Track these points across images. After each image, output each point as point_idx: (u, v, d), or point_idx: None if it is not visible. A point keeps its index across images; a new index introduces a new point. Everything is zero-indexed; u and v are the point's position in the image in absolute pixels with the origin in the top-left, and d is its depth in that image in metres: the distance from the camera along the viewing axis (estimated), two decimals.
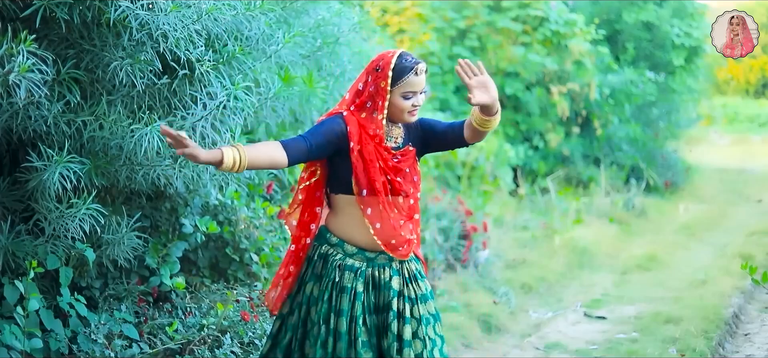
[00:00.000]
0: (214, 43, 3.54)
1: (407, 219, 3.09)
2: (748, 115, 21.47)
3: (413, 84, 2.99)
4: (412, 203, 3.10)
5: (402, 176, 3.06)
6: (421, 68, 3.00)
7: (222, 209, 4.65)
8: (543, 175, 10.58)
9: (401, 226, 3.06)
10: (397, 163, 3.06)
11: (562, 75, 10.56)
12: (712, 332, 5.20)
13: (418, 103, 3.02)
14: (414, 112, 3.04)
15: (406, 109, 3.01)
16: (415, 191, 3.09)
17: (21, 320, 3.47)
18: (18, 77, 2.76)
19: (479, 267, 6.62)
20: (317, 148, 2.98)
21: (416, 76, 2.99)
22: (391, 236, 3.05)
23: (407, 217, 3.09)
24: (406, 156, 3.08)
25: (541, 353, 5.13)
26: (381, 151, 3.03)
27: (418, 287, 3.12)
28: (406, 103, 3.00)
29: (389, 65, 2.98)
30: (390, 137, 3.08)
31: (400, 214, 3.06)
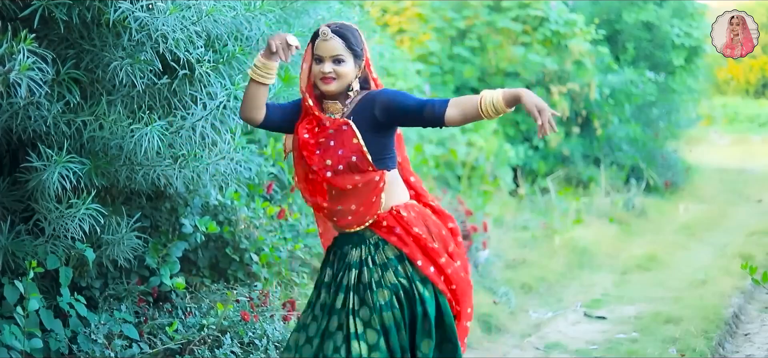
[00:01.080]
0: (214, 43, 3.54)
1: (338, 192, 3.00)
2: (748, 115, 21.47)
3: (319, 48, 3.00)
4: (329, 176, 2.99)
5: (322, 148, 3.00)
6: (326, 32, 2.98)
7: (222, 209, 4.65)
8: (543, 176, 10.58)
9: (332, 195, 3.02)
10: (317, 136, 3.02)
11: (562, 75, 10.56)
12: (712, 332, 5.20)
13: (325, 70, 2.98)
14: (326, 79, 2.99)
15: (317, 76, 3.02)
16: (335, 164, 2.99)
17: (21, 320, 3.47)
18: (18, 76, 2.76)
19: (479, 267, 6.62)
20: (286, 113, 3.12)
21: (323, 41, 2.99)
22: (320, 207, 3.07)
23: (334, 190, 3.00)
24: (334, 129, 3.01)
25: (541, 353, 5.13)
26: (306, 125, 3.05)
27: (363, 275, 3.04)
28: (316, 68, 3.01)
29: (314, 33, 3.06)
30: (329, 113, 3.06)
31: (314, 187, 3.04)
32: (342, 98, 3.06)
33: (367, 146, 2.99)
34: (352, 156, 2.99)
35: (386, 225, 3.05)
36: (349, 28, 3.05)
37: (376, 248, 3.06)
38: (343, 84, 3.03)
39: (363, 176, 3.01)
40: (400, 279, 3.02)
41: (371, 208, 3.04)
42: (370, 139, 3.00)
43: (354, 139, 3.00)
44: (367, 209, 3.03)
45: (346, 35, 3.01)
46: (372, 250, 3.06)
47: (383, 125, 3.02)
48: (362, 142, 2.99)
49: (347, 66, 3.01)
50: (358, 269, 3.05)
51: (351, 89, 3.05)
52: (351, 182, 3.00)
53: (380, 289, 3.01)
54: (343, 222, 3.07)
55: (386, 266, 3.04)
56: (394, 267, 3.03)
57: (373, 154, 3.01)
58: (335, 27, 3.02)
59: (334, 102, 3.06)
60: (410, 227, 3.05)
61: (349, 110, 3.05)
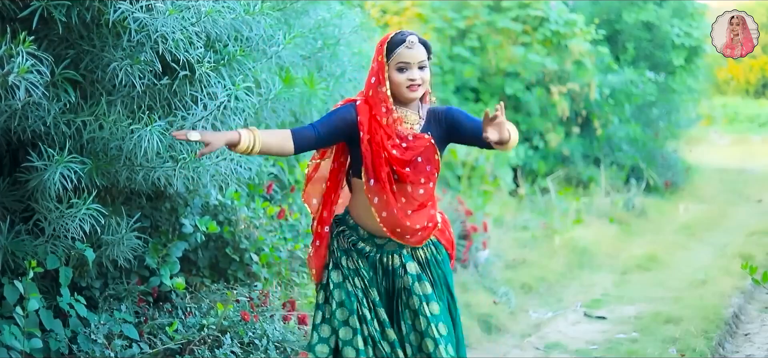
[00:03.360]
0: (214, 44, 3.54)
1: (418, 208, 3.09)
2: (748, 115, 21.47)
3: (404, 55, 3.03)
4: (421, 192, 3.08)
5: (411, 166, 3.06)
6: (412, 40, 3.04)
7: (222, 209, 4.65)
8: (543, 176, 10.58)
9: (409, 215, 3.07)
10: (405, 151, 3.05)
11: (562, 75, 10.56)
12: (712, 332, 5.20)
13: (413, 77, 3.04)
14: (413, 87, 3.05)
15: (403, 84, 3.05)
16: (426, 181, 3.09)
17: (21, 320, 3.47)
18: (17, 78, 2.76)
19: (479, 267, 6.62)
20: (326, 136, 3.07)
21: (408, 48, 3.03)
22: (396, 225, 3.07)
23: (418, 206, 3.09)
24: (418, 143, 3.07)
25: (541, 353, 5.13)
26: (387, 139, 3.05)
27: (431, 273, 3.18)
28: (401, 76, 3.04)
29: (385, 41, 3.09)
30: (406, 123, 3.10)
31: (408, 203, 3.07)
32: (413, 106, 3.12)
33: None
34: (435, 171, 3.13)
35: (440, 228, 3.23)
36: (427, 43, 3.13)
37: (436, 248, 3.21)
38: (425, 88, 3.12)
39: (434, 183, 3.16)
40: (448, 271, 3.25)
41: (433, 219, 3.19)
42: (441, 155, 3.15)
43: (436, 155, 3.10)
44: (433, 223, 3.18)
45: (427, 43, 3.10)
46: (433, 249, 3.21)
47: (445, 142, 3.15)
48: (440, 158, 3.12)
49: (428, 71, 3.09)
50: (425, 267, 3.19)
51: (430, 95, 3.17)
52: (432, 198, 3.16)
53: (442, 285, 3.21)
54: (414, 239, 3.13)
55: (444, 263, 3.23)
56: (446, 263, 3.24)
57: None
58: (415, 34, 3.08)
59: (412, 111, 3.12)
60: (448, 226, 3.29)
61: (423, 123, 3.13)
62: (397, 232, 3.08)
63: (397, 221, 3.06)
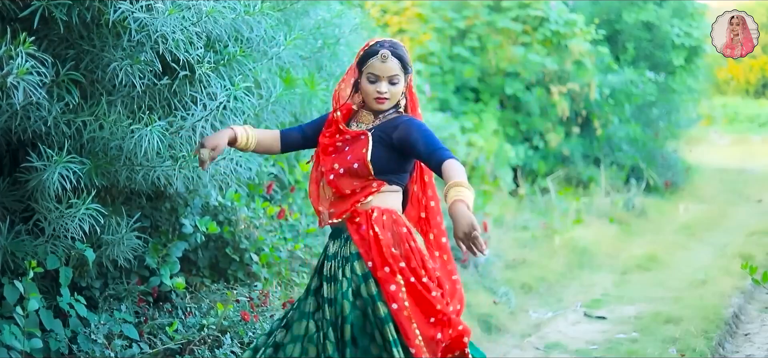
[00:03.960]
0: (214, 44, 3.54)
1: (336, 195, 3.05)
2: (748, 115, 21.47)
3: (375, 68, 3.03)
4: (331, 178, 3.04)
5: (336, 153, 3.07)
6: (385, 54, 3.02)
7: (222, 209, 4.65)
8: (543, 176, 10.58)
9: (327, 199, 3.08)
10: (334, 141, 3.09)
11: (562, 75, 10.56)
12: (712, 332, 5.20)
13: (381, 90, 3.03)
14: (381, 99, 3.04)
15: (371, 94, 3.05)
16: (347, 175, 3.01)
17: (21, 320, 3.47)
18: (16, 79, 2.76)
19: (479, 267, 6.62)
20: (312, 136, 3.24)
21: (380, 61, 3.02)
22: (316, 207, 3.15)
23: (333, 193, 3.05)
24: (352, 137, 3.06)
25: (541, 353, 5.13)
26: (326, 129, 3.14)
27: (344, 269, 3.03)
28: (370, 87, 3.05)
29: (364, 48, 3.10)
30: (359, 123, 3.12)
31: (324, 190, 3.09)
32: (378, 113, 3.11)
33: (373, 159, 3.01)
34: (355, 163, 3.03)
35: (357, 222, 3.05)
36: (402, 47, 3.09)
37: (345, 241, 3.07)
38: (393, 102, 3.09)
39: (361, 182, 3.04)
40: (354, 275, 3.00)
41: (353, 204, 3.04)
42: (380, 154, 3.02)
43: (363, 148, 3.03)
44: (350, 205, 3.05)
45: (402, 56, 3.06)
46: (342, 243, 3.08)
47: (396, 149, 3.04)
48: (369, 153, 3.01)
49: (400, 86, 3.07)
50: (330, 261, 3.09)
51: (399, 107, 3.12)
52: (349, 186, 3.04)
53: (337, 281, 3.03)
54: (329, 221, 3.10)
55: (347, 259, 3.04)
56: (351, 263, 3.02)
57: (376, 166, 3.02)
58: (390, 46, 3.05)
59: (370, 113, 3.12)
60: (373, 225, 3.00)
61: (377, 124, 3.09)
62: (319, 210, 3.13)
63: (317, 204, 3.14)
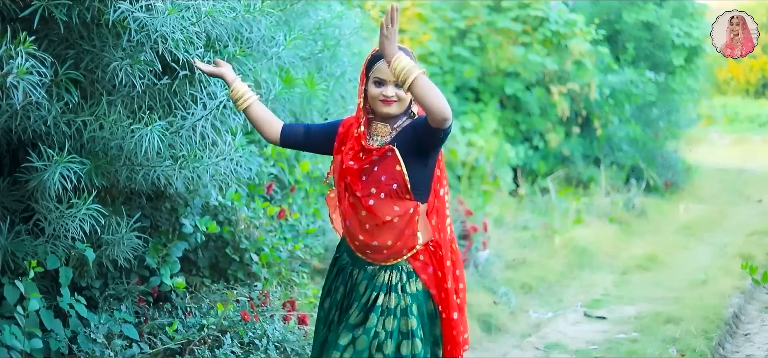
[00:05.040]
0: (214, 44, 3.54)
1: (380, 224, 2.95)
2: (748, 115, 21.49)
3: (382, 71, 2.97)
4: (372, 203, 2.95)
5: (366, 175, 2.97)
6: None
7: (222, 209, 4.65)
8: (543, 176, 10.58)
9: (366, 230, 2.97)
10: (361, 161, 2.99)
11: (562, 75, 10.56)
12: (712, 332, 5.20)
13: (387, 93, 2.96)
14: (386, 102, 2.98)
15: (377, 98, 2.99)
16: (382, 193, 2.95)
17: (21, 320, 3.47)
18: (16, 79, 2.76)
19: (479, 267, 6.62)
20: (314, 137, 3.15)
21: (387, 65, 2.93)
22: (354, 238, 3.01)
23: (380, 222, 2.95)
24: (379, 155, 2.97)
25: (541, 353, 5.13)
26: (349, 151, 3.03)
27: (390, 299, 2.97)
28: (377, 90, 2.99)
29: (372, 52, 3.04)
30: (375, 136, 3.03)
31: (366, 217, 2.96)
32: (391, 121, 3.03)
33: (408, 174, 2.95)
34: (393, 183, 2.95)
35: (422, 260, 3.00)
36: (407, 50, 3.00)
37: (408, 277, 3.00)
38: (403, 106, 3.01)
39: (401, 206, 2.96)
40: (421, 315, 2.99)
41: (408, 242, 2.99)
42: (413, 168, 2.96)
43: (397, 166, 2.95)
44: (404, 244, 2.98)
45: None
46: (404, 278, 2.99)
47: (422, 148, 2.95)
48: (405, 169, 2.95)
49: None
50: (386, 293, 2.98)
51: (409, 113, 3.04)
52: (390, 212, 2.95)
53: (405, 317, 2.97)
54: (377, 257, 3.00)
55: (415, 297, 2.99)
56: (420, 303, 2.99)
57: (412, 182, 2.96)
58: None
59: (384, 124, 3.03)
60: (443, 262, 3.00)
61: (394, 135, 3.01)
62: (356, 245, 3.02)
63: (354, 234, 3.01)
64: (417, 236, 2.99)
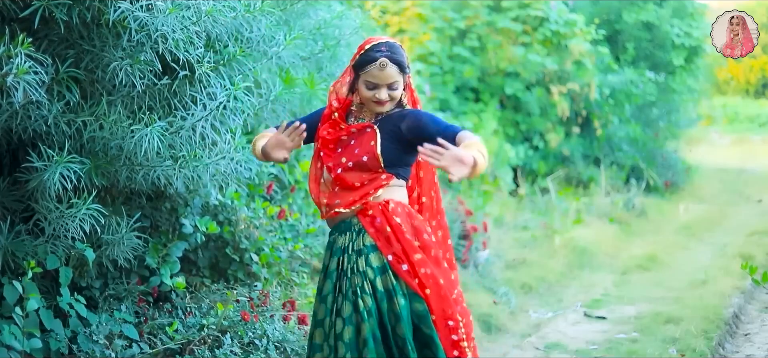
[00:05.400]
0: (214, 44, 3.54)
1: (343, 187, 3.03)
2: (748, 115, 21.49)
3: (374, 76, 3.00)
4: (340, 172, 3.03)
5: (342, 147, 3.05)
6: (384, 63, 2.97)
7: (222, 209, 4.65)
8: (543, 176, 10.58)
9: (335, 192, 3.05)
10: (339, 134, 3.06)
11: (562, 75, 10.56)
12: (712, 332, 5.20)
13: (380, 97, 3.00)
14: (381, 103, 3.03)
15: (370, 99, 3.04)
16: (348, 161, 3.03)
17: (20, 320, 3.47)
18: (15, 80, 2.76)
19: (479, 267, 6.62)
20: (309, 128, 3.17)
21: (379, 70, 2.98)
22: (321, 203, 3.12)
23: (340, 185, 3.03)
24: (357, 130, 3.05)
25: (541, 353, 5.13)
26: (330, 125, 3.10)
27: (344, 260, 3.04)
28: (368, 93, 3.03)
29: (362, 49, 3.05)
30: (361, 119, 3.11)
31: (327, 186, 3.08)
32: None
33: (382, 151, 3.00)
34: (364, 156, 3.01)
35: (371, 214, 3.03)
36: (399, 50, 3.03)
37: (358, 234, 3.05)
38: (395, 103, 3.08)
39: (370, 175, 3.02)
40: (368, 268, 3.00)
41: (364, 196, 3.03)
42: (388, 147, 3.01)
43: (372, 141, 3.02)
44: (360, 198, 3.03)
45: (400, 61, 3.02)
46: (354, 236, 3.05)
47: (406, 141, 3.01)
48: (379, 145, 3.00)
49: (399, 88, 3.05)
50: (340, 255, 3.06)
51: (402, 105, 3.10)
52: (358, 179, 3.02)
53: (353, 275, 3.01)
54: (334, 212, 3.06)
55: (360, 252, 3.02)
56: (366, 255, 3.01)
57: (386, 159, 3.01)
58: (388, 52, 3.00)
59: (369, 111, 3.11)
60: (392, 217, 3.01)
61: (380, 118, 3.08)
62: (324, 210, 3.10)
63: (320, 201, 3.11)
64: (375, 193, 3.02)
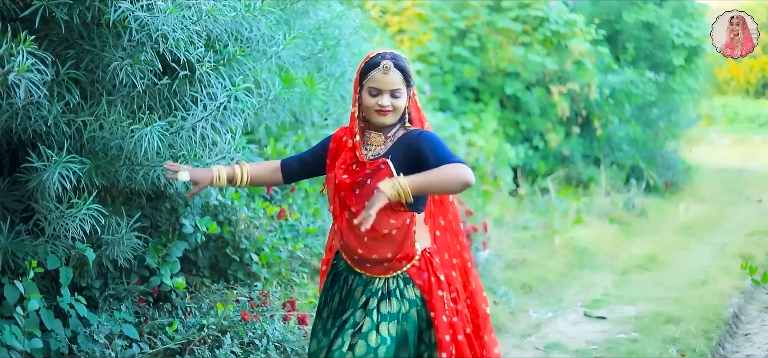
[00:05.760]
0: (214, 44, 3.54)
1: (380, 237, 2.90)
2: (748, 115, 21.50)
3: (377, 80, 2.90)
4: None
5: (360, 188, 2.91)
6: (387, 65, 2.90)
7: (222, 209, 4.65)
8: (543, 176, 10.58)
9: (365, 243, 2.93)
10: (354, 174, 2.93)
11: (562, 75, 10.56)
12: (712, 332, 5.20)
13: (383, 103, 2.90)
14: (382, 112, 2.92)
15: (372, 108, 2.93)
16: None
17: (21, 320, 3.47)
18: (17, 77, 2.76)
19: (479, 267, 6.62)
20: (312, 164, 3.16)
21: (382, 74, 2.90)
22: (353, 253, 2.98)
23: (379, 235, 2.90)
24: (372, 169, 2.91)
25: (541, 353, 5.13)
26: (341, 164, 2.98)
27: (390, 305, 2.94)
28: (371, 100, 2.92)
29: (365, 60, 2.99)
30: (369, 146, 2.98)
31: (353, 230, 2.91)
32: (386, 130, 2.98)
33: None
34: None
35: (417, 265, 2.96)
36: (404, 59, 2.97)
37: (405, 282, 2.96)
38: (398, 115, 2.96)
39: (397, 218, 2.91)
40: (421, 322, 2.96)
41: (407, 253, 2.95)
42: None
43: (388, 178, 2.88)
44: (404, 255, 2.94)
45: (405, 68, 2.94)
46: (401, 283, 2.96)
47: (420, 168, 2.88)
48: None
49: (403, 99, 2.94)
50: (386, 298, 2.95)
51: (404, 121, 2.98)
52: (387, 225, 2.89)
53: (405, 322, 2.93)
54: (377, 270, 2.97)
55: (413, 303, 2.95)
56: (418, 308, 2.96)
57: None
58: (392, 58, 2.93)
59: (378, 134, 2.98)
60: (436, 272, 2.97)
61: (389, 145, 2.96)
62: (355, 259, 2.98)
63: (352, 249, 2.97)
64: (415, 246, 2.96)
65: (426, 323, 2.98)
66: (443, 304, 2.97)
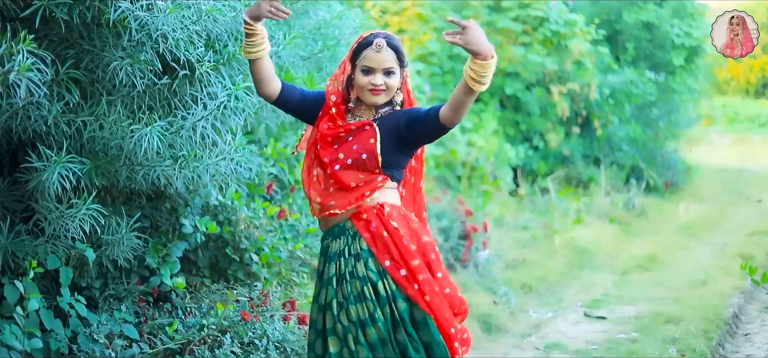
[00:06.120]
0: (214, 43, 3.54)
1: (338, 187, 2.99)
2: (748, 115, 21.49)
3: (370, 59, 2.96)
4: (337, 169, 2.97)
5: (339, 143, 3.00)
6: (380, 44, 2.95)
7: (222, 209, 4.65)
8: (543, 176, 10.58)
9: (330, 193, 3.00)
10: (337, 130, 3.01)
11: (562, 75, 10.56)
12: (712, 332, 5.20)
13: (376, 82, 2.96)
14: (375, 91, 2.98)
15: (365, 87, 2.98)
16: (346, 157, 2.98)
17: (21, 320, 3.47)
18: (18, 77, 2.76)
19: (479, 267, 6.62)
20: (308, 102, 3.12)
21: (375, 52, 2.95)
22: (314, 200, 3.05)
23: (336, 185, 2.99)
24: (357, 127, 3.00)
25: (541, 353, 5.13)
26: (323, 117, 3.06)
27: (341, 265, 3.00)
28: (364, 79, 2.98)
29: (357, 40, 3.04)
30: (356, 116, 3.05)
31: (327, 180, 3.00)
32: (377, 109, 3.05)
33: (382, 151, 2.97)
34: (363, 154, 2.98)
35: (365, 218, 3.00)
36: (396, 38, 3.02)
37: (353, 238, 3.01)
38: (390, 95, 3.02)
39: (366, 175, 2.99)
40: (369, 272, 2.97)
41: (359, 199, 2.99)
42: (388, 148, 2.98)
43: (371, 139, 2.98)
44: (356, 199, 3.00)
45: (398, 47, 3.00)
46: (350, 240, 3.01)
47: (405, 140, 2.99)
48: (379, 144, 2.97)
49: (396, 78, 3.00)
50: (337, 260, 3.02)
51: (394, 103, 3.04)
52: (354, 178, 2.98)
53: (353, 280, 2.98)
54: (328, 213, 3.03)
55: (359, 257, 2.99)
56: (365, 259, 2.98)
57: (384, 159, 2.99)
58: (385, 37, 2.99)
59: (368, 108, 3.05)
60: (388, 221, 2.99)
61: (378, 116, 3.04)
62: (317, 202, 3.04)
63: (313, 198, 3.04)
64: (372, 196, 2.99)
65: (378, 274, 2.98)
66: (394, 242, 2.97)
